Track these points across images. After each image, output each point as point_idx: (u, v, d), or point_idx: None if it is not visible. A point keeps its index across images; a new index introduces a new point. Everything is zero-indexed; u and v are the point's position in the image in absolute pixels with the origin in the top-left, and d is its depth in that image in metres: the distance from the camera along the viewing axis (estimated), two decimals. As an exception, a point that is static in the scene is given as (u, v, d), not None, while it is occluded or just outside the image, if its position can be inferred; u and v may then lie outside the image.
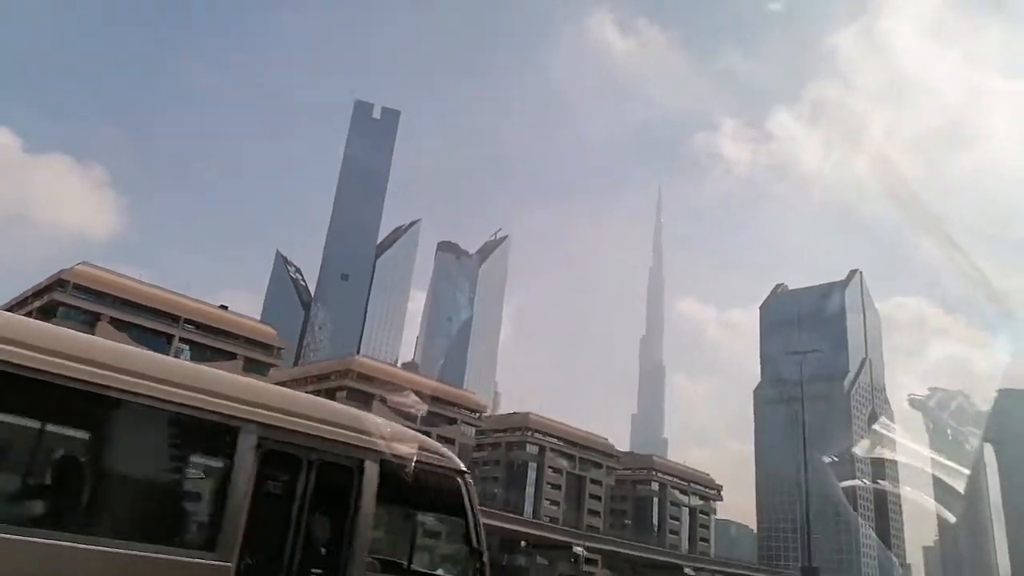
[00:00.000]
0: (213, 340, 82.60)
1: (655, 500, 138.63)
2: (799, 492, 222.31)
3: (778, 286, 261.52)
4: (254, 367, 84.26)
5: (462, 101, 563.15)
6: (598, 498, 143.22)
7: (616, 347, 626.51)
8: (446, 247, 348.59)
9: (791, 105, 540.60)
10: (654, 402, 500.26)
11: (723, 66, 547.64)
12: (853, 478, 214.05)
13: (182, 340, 79.18)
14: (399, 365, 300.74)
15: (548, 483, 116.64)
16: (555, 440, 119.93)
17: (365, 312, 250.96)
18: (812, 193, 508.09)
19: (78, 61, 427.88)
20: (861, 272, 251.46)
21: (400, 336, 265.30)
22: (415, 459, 6.30)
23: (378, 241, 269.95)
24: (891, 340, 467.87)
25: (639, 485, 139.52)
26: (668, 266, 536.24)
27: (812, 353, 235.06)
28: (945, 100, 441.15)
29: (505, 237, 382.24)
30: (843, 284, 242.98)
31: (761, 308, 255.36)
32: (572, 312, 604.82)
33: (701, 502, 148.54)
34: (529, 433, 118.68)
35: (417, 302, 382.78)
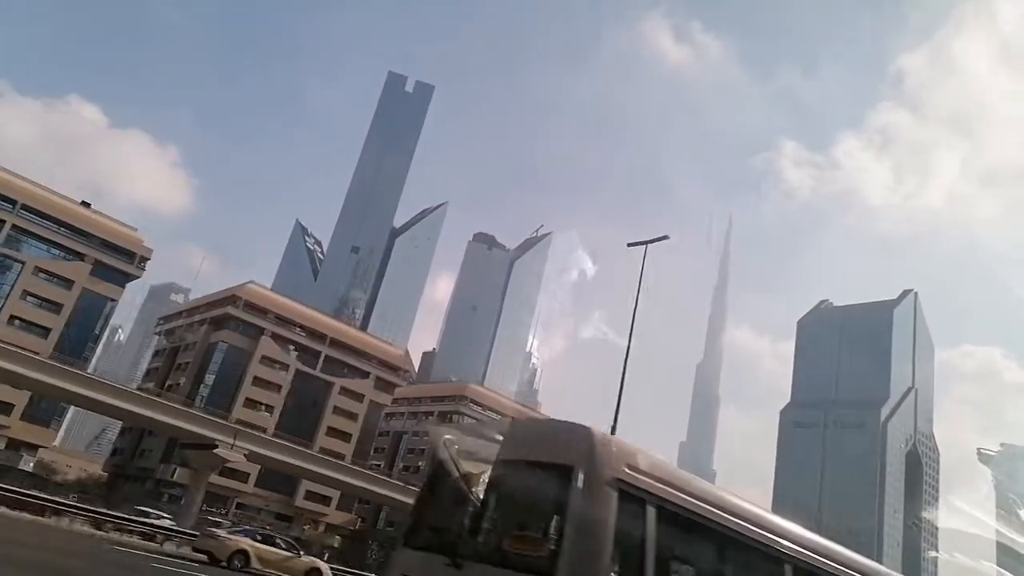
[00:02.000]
0: (56, 235, 74.35)
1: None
2: (816, 528, 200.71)
3: (822, 302, 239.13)
4: (105, 272, 75.99)
5: (506, 92, 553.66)
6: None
7: (670, 371, 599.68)
8: (481, 237, 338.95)
9: (857, 131, 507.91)
10: (705, 432, 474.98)
11: (783, 83, 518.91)
12: (879, 521, 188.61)
13: (16, 228, 71.00)
14: (420, 352, 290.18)
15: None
16: (493, 414, 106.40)
17: (376, 288, 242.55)
18: (878, 225, 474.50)
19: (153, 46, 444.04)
20: (916, 293, 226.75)
21: (413, 315, 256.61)
22: None
23: (397, 217, 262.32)
24: (955, 389, 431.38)
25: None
26: (733, 293, 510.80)
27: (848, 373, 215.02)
28: (1020, 127, 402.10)
29: (547, 234, 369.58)
30: (893, 303, 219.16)
31: (799, 323, 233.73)
32: (622, 327, 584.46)
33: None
34: (466, 403, 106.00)
35: (436, 287, 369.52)
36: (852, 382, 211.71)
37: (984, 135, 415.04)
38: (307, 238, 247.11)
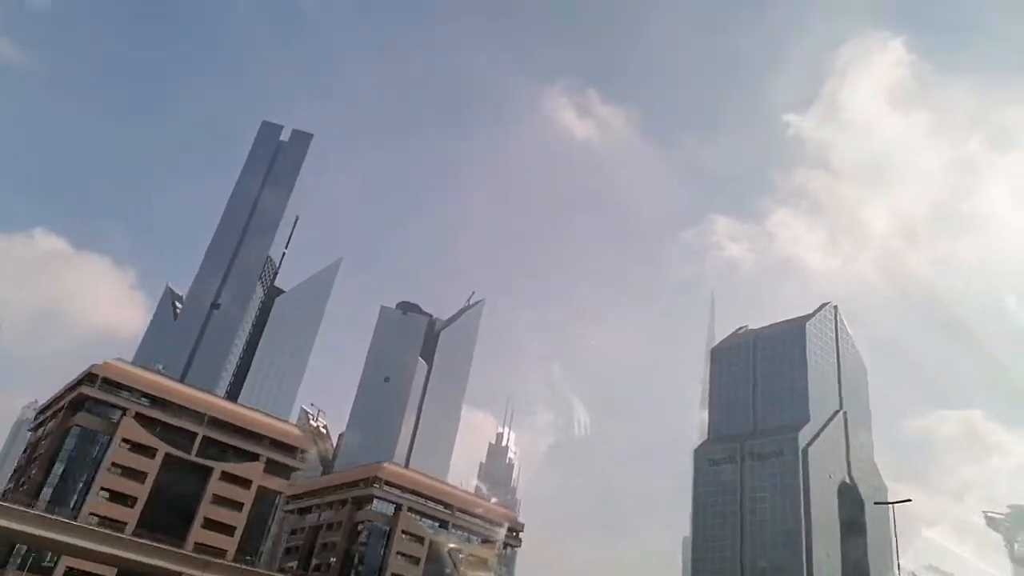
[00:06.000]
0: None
1: (384, 532, 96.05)
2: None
3: (739, 328, 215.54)
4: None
5: (405, 156, 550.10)
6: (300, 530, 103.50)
7: (668, 459, 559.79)
8: (405, 306, 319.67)
9: (777, 198, 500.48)
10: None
11: (687, 153, 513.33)
12: (808, 563, 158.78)
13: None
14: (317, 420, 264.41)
15: (118, 465, 78.17)
16: (143, 400, 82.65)
17: (246, 348, 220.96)
18: (815, 290, 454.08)
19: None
20: (836, 307, 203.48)
21: (298, 382, 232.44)
22: None
23: (281, 278, 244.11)
24: (942, 458, 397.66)
25: (361, 507, 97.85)
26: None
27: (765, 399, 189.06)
28: (930, 173, 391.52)
29: (480, 301, 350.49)
30: (806, 318, 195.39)
31: (713, 351, 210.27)
32: (592, 406, 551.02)
33: (480, 546, 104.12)
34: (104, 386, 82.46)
35: (342, 354, 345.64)
36: (769, 409, 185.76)
37: (893, 184, 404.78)
38: (177, 304, 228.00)
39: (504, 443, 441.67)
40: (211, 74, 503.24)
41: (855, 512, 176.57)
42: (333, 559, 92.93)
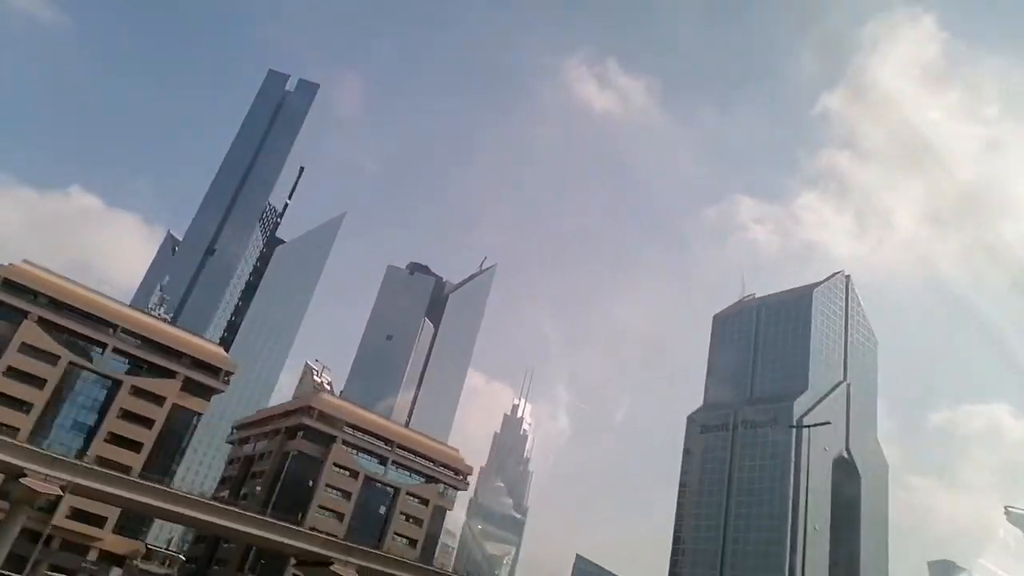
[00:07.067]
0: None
1: (321, 466, 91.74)
2: (720, 548, 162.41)
3: (746, 296, 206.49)
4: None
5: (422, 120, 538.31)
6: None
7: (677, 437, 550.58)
8: (415, 267, 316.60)
9: (802, 178, 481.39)
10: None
11: (709, 128, 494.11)
12: (792, 540, 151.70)
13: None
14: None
15: (14, 369, 74.76)
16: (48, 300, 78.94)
17: (243, 296, 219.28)
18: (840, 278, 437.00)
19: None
20: (848, 275, 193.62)
21: (295, 334, 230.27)
22: None
23: (283, 229, 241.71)
24: (965, 451, 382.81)
25: (293, 441, 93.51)
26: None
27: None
28: (963, 155, 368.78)
29: (492, 266, 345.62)
30: (815, 285, 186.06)
31: (715, 318, 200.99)
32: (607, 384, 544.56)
33: (418, 481, 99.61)
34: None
35: (348, 310, 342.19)
36: (768, 376, 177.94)
37: (924, 166, 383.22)
38: (176, 249, 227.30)
39: (519, 415, 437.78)
40: (227, 25, 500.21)
41: (851, 487, 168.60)
42: (259, 488, 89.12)
